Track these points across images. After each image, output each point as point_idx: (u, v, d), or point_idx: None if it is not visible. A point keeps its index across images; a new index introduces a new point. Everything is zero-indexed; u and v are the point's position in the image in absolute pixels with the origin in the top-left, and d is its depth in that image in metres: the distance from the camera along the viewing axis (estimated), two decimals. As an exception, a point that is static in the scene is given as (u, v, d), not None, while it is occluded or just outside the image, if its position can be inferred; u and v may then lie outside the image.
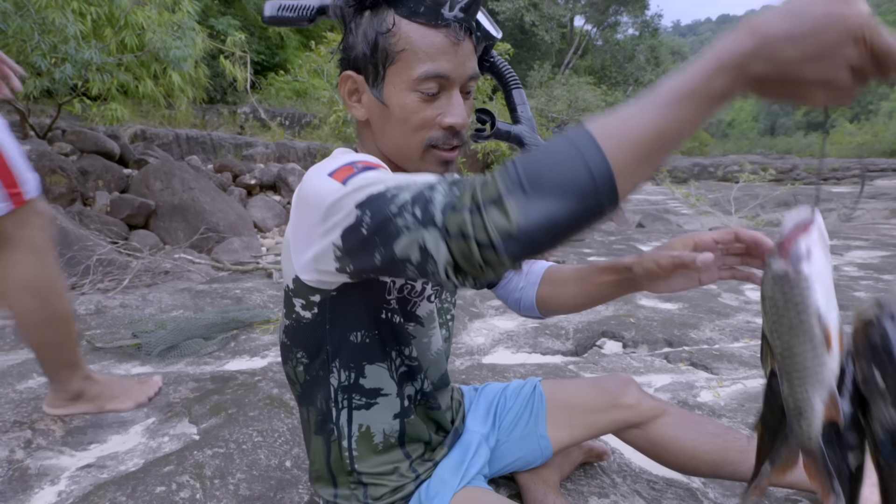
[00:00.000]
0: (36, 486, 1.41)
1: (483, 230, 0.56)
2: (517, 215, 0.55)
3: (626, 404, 1.19)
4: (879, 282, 3.78)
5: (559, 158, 0.56)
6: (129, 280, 3.59)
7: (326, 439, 0.96)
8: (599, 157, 0.54)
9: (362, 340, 0.90)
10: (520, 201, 0.55)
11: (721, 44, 0.53)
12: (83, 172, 5.44)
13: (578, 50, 32.53)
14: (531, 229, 0.55)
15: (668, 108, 0.54)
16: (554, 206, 0.55)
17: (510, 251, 0.56)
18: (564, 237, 0.57)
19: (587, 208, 0.55)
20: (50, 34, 4.65)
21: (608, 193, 0.54)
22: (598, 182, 0.54)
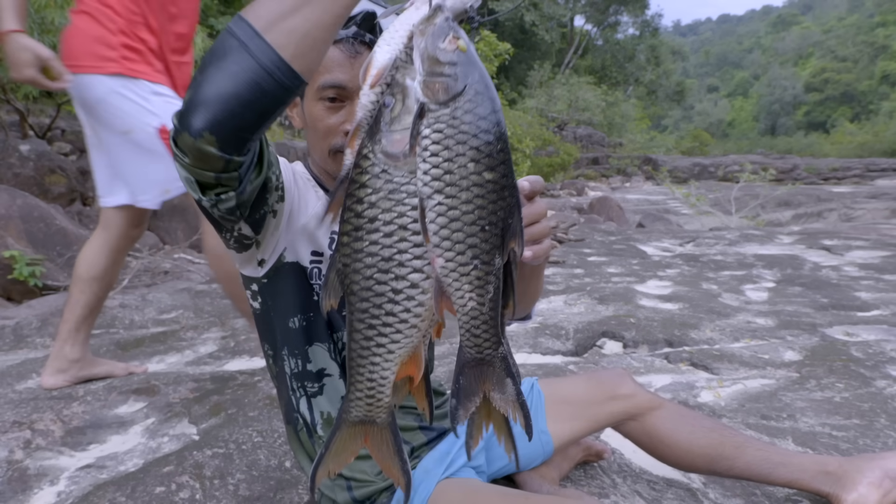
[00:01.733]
0: (35, 487, 1.41)
1: (172, 122, 0.63)
2: (188, 96, 0.61)
3: (623, 395, 1.21)
4: (880, 282, 3.77)
5: (217, 39, 0.62)
6: (128, 280, 3.59)
7: (295, 429, 1.00)
8: (238, 21, 0.61)
9: (300, 325, 0.95)
10: (192, 87, 0.61)
11: None
12: (83, 172, 5.44)
13: (578, 50, 32.52)
14: (196, 97, 0.60)
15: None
16: (212, 73, 0.60)
17: (185, 123, 0.60)
18: (238, 97, 0.60)
19: (241, 62, 0.59)
20: (49, 34, 4.65)
21: (255, 43, 0.59)
22: (240, 37, 0.60)
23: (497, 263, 0.55)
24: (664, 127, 58.50)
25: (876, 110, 49.16)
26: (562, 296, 3.42)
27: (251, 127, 0.63)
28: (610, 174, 21.61)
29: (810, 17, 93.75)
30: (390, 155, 0.55)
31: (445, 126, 0.52)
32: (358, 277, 0.57)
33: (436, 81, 0.52)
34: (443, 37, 0.53)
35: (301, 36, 0.60)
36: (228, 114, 0.60)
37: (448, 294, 0.55)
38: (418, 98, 0.53)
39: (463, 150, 0.52)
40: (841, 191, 15.33)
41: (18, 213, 3.63)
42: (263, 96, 0.60)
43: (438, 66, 0.53)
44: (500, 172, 0.53)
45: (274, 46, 0.59)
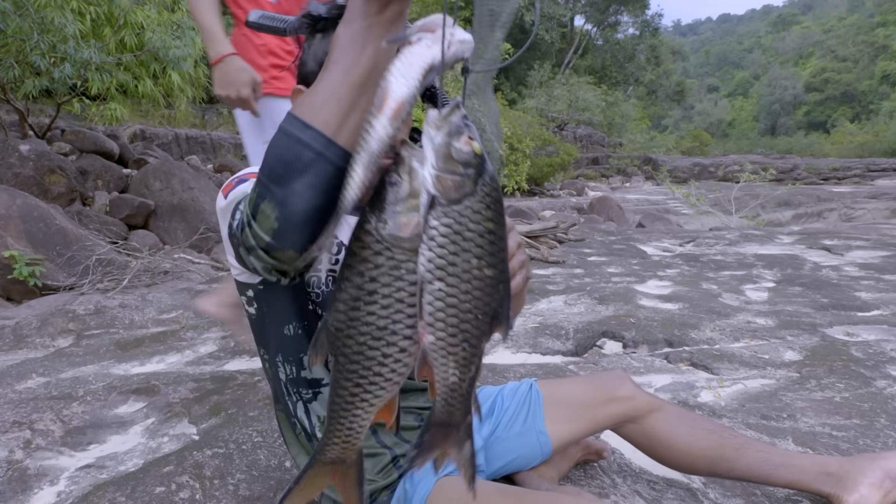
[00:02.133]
0: (35, 487, 1.41)
1: (259, 238, 0.64)
2: (273, 212, 0.62)
3: (622, 397, 1.20)
4: (880, 282, 3.77)
5: (280, 148, 0.63)
6: (128, 280, 3.59)
7: (294, 433, 1.00)
8: (305, 128, 0.62)
9: (295, 332, 0.94)
10: (270, 200, 0.62)
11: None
12: (82, 172, 5.44)
13: (578, 49, 32.52)
14: (291, 216, 0.62)
15: (343, 55, 0.61)
16: (297, 189, 0.61)
17: (288, 243, 0.63)
18: (330, 204, 0.62)
19: (324, 173, 0.61)
20: (49, 33, 4.65)
21: (331, 150, 0.61)
22: (316, 147, 0.61)
23: (482, 346, 0.60)
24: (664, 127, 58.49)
25: (876, 110, 49.14)
26: (562, 296, 3.42)
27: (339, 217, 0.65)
28: (610, 174, 21.60)
29: (810, 17, 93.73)
30: (397, 238, 0.57)
31: (454, 222, 0.55)
32: (350, 342, 0.61)
33: (449, 178, 0.55)
34: (459, 136, 0.56)
35: (361, 127, 0.61)
36: (322, 223, 0.63)
37: (432, 366, 0.59)
38: (428, 189, 0.56)
39: (468, 247, 0.56)
40: (841, 191, 15.33)
41: (18, 212, 3.63)
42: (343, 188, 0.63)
43: (453, 164, 0.55)
44: (499, 269, 0.58)
45: (348, 148, 0.61)
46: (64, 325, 2.81)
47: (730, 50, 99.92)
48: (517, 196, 13.00)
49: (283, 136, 0.63)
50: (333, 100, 0.61)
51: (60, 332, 2.76)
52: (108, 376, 2.14)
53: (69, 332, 2.78)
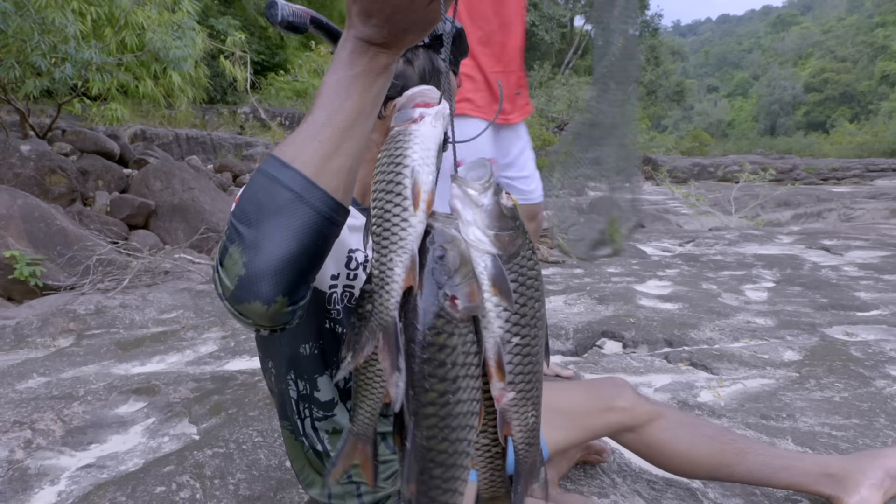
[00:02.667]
0: (36, 486, 1.41)
1: (225, 287, 0.57)
2: (241, 257, 0.56)
3: (621, 407, 1.19)
4: (879, 282, 3.77)
5: (255, 188, 0.58)
6: (129, 280, 3.59)
7: (302, 447, 0.98)
8: (285, 168, 0.57)
9: (311, 352, 0.91)
10: (239, 244, 0.56)
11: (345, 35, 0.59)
12: (83, 172, 5.44)
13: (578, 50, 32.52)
14: (261, 263, 0.55)
15: (328, 99, 0.59)
16: (270, 231, 0.56)
17: (255, 293, 0.56)
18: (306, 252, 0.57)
19: (301, 216, 0.56)
20: (50, 34, 4.65)
21: (311, 192, 0.57)
22: (294, 188, 0.56)
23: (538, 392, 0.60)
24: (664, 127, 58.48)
25: (875, 110, 49.14)
26: (561, 296, 3.42)
27: (316, 270, 0.61)
28: (610, 174, 21.59)
29: (810, 18, 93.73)
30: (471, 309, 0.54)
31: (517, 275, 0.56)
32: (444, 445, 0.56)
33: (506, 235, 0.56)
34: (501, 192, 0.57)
35: (347, 172, 0.60)
36: (299, 272, 0.57)
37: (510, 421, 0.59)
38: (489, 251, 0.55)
39: (531, 294, 0.57)
40: (840, 191, 15.32)
41: (19, 213, 3.63)
42: (326, 242, 0.59)
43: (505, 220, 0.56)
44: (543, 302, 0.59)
45: (329, 192, 0.58)
46: (65, 325, 2.81)
47: (729, 50, 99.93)
48: (517, 196, 12.99)
49: (259, 176, 0.58)
50: (315, 141, 0.58)
51: (61, 331, 2.77)
52: (108, 376, 2.15)
53: (70, 332, 2.78)
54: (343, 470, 0.73)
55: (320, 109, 0.59)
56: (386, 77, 0.60)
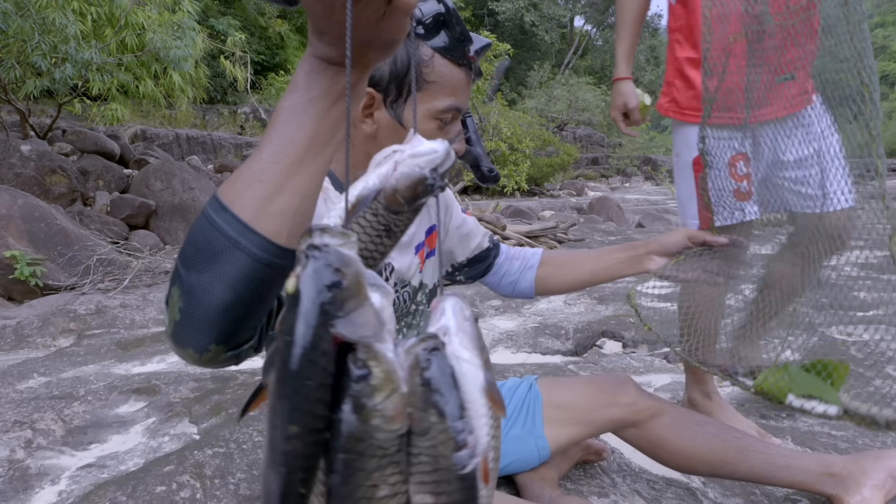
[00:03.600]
0: (36, 486, 1.41)
1: (166, 325, 0.54)
2: (178, 301, 0.52)
3: (623, 402, 1.19)
4: (879, 282, 3.77)
5: (196, 230, 0.53)
6: (129, 280, 3.59)
7: None
8: (222, 210, 0.52)
9: None
10: (178, 286, 0.52)
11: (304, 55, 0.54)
12: (83, 172, 5.45)
13: (578, 50, 32.53)
14: (193, 311, 0.52)
15: (276, 130, 0.53)
16: (205, 280, 0.51)
17: (187, 340, 0.53)
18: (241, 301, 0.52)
19: (236, 264, 0.51)
20: (50, 34, 4.66)
21: (247, 237, 0.51)
22: (229, 234, 0.51)
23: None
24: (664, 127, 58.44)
25: (876, 111, 49.16)
26: (561, 295, 3.42)
27: (256, 316, 0.55)
28: (609, 174, 21.61)
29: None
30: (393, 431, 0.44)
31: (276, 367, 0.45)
32: None
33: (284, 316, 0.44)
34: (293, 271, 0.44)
35: (293, 214, 0.53)
36: (235, 321, 0.53)
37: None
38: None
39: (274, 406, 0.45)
40: (841, 191, 15.29)
41: (19, 213, 3.64)
42: (267, 287, 0.53)
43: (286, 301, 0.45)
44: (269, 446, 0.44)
45: (269, 237, 0.51)
46: (65, 325, 2.81)
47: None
48: (517, 196, 13.01)
49: (201, 217, 0.53)
50: (257, 182, 0.52)
51: (61, 331, 2.77)
52: (108, 376, 2.15)
53: (70, 332, 2.78)
54: None
55: (267, 142, 0.53)
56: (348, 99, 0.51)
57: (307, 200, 0.54)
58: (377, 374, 0.41)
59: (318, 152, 0.53)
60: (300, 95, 0.52)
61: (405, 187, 0.54)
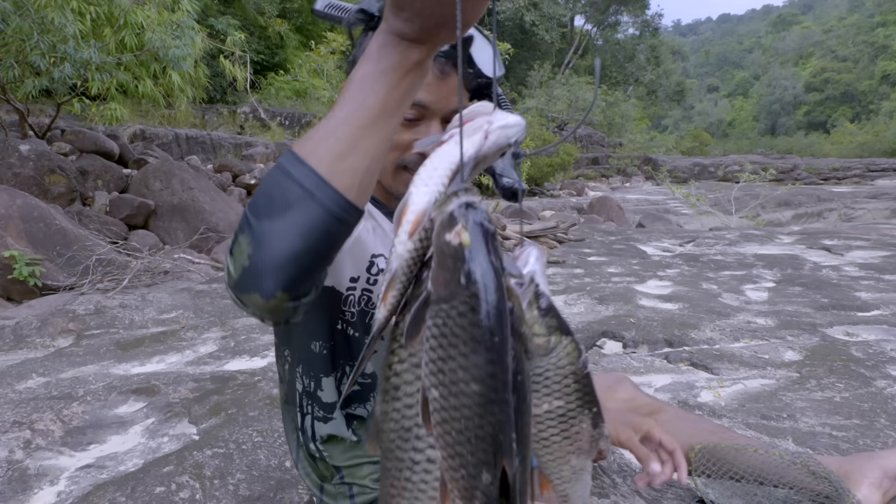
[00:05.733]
0: (35, 487, 1.41)
1: (230, 274, 0.58)
2: (248, 248, 0.56)
3: (622, 398, 1.20)
4: (880, 282, 3.77)
5: (270, 182, 0.57)
6: (128, 280, 3.59)
7: (299, 440, 0.99)
8: (299, 163, 0.56)
9: (320, 351, 0.92)
10: (248, 234, 0.56)
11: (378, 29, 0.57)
12: (82, 172, 5.44)
13: (578, 49, 32.52)
14: (264, 257, 0.55)
15: (351, 95, 0.57)
16: (277, 227, 0.55)
17: (255, 286, 0.56)
18: (310, 251, 0.56)
19: (310, 214, 0.55)
20: (49, 33, 4.65)
21: (322, 190, 0.55)
22: (305, 185, 0.55)
23: (485, 479, 0.50)
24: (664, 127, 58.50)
25: (876, 110, 49.11)
26: (562, 296, 3.42)
27: (321, 269, 0.60)
28: (610, 174, 21.60)
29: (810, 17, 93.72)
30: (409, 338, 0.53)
31: (442, 323, 0.49)
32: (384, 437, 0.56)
33: (439, 274, 0.50)
34: (450, 227, 0.49)
35: (363, 173, 0.58)
36: (302, 270, 0.57)
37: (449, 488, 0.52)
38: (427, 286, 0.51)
39: (453, 354, 0.49)
40: (841, 191, 15.33)
41: (18, 212, 3.63)
42: (334, 242, 0.58)
43: (442, 258, 0.50)
44: (489, 386, 0.49)
45: (341, 192, 0.56)
46: (64, 325, 2.81)
47: (730, 50, 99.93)
48: (517, 196, 12.99)
49: (275, 170, 0.58)
50: (333, 138, 0.57)
51: (60, 332, 2.76)
52: (108, 376, 2.15)
53: (69, 332, 2.78)
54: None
55: (342, 105, 0.57)
56: (417, 75, 0.57)
57: (375, 163, 0.59)
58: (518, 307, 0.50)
59: (388, 119, 0.57)
60: (373, 66, 0.56)
61: (493, 155, 0.58)
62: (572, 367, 0.52)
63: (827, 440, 1.56)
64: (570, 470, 0.55)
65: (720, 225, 9.08)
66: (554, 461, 0.55)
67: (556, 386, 0.52)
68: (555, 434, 0.53)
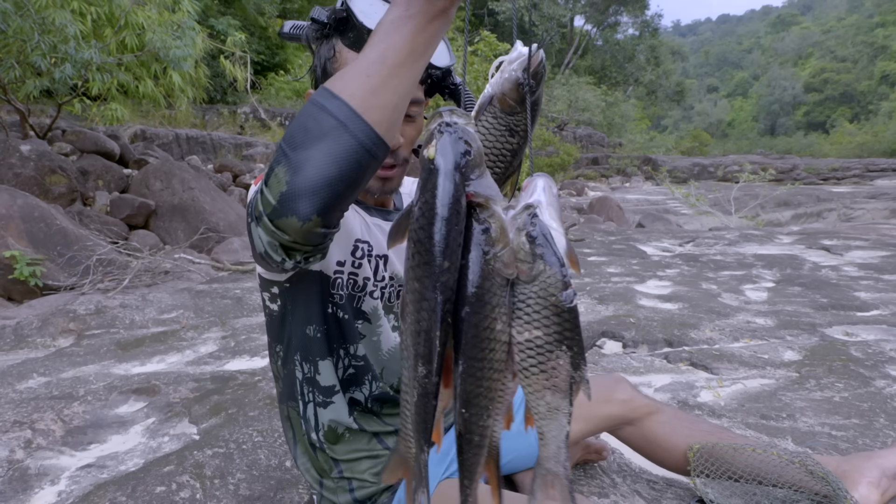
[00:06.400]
0: (36, 486, 1.41)
1: (267, 203, 0.63)
2: (285, 175, 0.61)
3: (620, 399, 1.21)
4: (879, 282, 3.78)
5: (305, 115, 0.62)
6: (129, 280, 3.59)
7: (299, 432, 1.00)
8: (332, 97, 0.61)
9: (314, 335, 0.95)
10: (284, 164, 0.61)
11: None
12: (83, 172, 5.44)
13: (578, 50, 32.53)
14: (301, 181, 0.61)
15: (380, 38, 0.61)
16: (313, 154, 0.60)
17: (293, 209, 0.61)
18: (342, 178, 0.61)
19: (343, 143, 0.60)
20: (50, 34, 4.65)
21: (354, 122, 0.60)
22: (339, 116, 0.60)
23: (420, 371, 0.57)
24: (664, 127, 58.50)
25: (875, 110, 49.11)
26: (562, 296, 3.42)
27: (350, 201, 0.65)
28: (610, 174, 21.60)
29: (810, 18, 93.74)
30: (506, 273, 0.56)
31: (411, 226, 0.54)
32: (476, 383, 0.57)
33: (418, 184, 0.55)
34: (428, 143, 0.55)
35: (392, 109, 0.62)
36: (335, 196, 0.62)
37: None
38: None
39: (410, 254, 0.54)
40: (840, 191, 15.33)
41: (19, 213, 3.63)
42: (363, 173, 0.63)
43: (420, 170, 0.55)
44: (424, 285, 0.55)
45: (372, 125, 0.61)
46: (64, 325, 2.81)
47: (729, 50, 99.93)
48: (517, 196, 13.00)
49: (309, 105, 0.62)
50: (364, 75, 0.61)
51: (61, 331, 2.77)
52: (108, 376, 2.15)
53: (70, 332, 2.78)
54: None
55: (372, 46, 0.61)
56: (441, 22, 0.61)
57: (402, 101, 0.63)
58: (495, 229, 0.53)
59: (416, 61, 0.61)
60: (401, 11, 0.60)
61: (509, 89, 0.63)
62: (553, 299, 0.53)
63: (826, 440, 1.56)
64: (546, 406, 0.57)
65: (720, 225, 9.09)
66: (532, 394, 0.57)
67: (536, 315, 0.54)
68: (532, 365, 0.55)
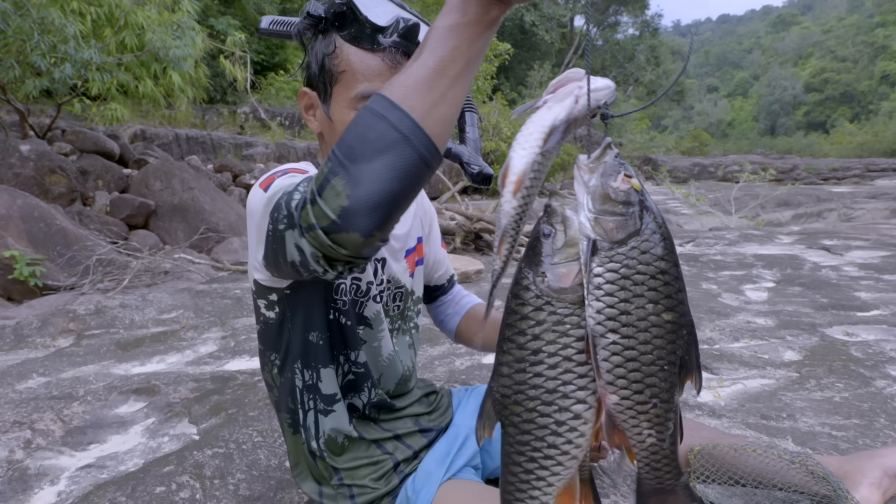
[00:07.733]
0: (36, 486, 1.41)
1: (323, 216, 0.60)
2: (345, 189, 0.58)
3: None
4: (880, 282, 3.77)
5: (363, 126, 0.59)
6: (128, 280, 3.59)
7: (299, 440, 0.99)
8: (394, 108, 0.58)
9: (317, 341, 0.93)
10: (343, 177, 0.58)
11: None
12: (83, 172, 5.44)
13: (578, 50, 32.52)
14: (364, 196, 0.58)
15: (439, 44, 0.58)
16: (375, 168, 0.58)
17: (355, 224, 0.59)
18: (404, 193, 0.59)
19: (405, 157, 0.58)
20: (49, 34, 4.65)
21: (417, 136, 0.58)
22: (402, 129, 0.58)
23: (675, 400, 0.55)
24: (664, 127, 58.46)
25: (875, 110, 49.10)
26: (562, 296, 3.42)
27: (403, 213, 0.62)
28: (610, 174, 21.56)
29: (810, 18, 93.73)
30: (557, 290, 0.54)
31: (621, 266, 0.52)
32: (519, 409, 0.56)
33: (609, 220, 0.52)
34: (615, 175, 0.53)
35: (448, 122, 0.60)
36: (396, 211, 0.60)
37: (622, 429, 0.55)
38: (588, 234, 0.53)
39: (640, 291, 0.51)
40: (840, 191, 15.32)
41: (19, 213, 3.63)
42: (419, 186, 0.61)
43: (612, 204, 0.52)
44: (679, 312, 0.53)
45: (432, 137, 0.59)
46: (64, 325, 2.81)
47: (729, 50, 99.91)
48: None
49: (367, 114, 0.59)
50: (425, 86, 0.58)
51: (61, 331, 2.77)
52: (108, 376, 2.15)
53: (69, 332, 2.78)
54: None
55: (430, 53, 0.59)
56: (492, 32, 0.59)
57: (457, 112, 0.61)
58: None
59: (472, 70, 0.60)
60: (457, 17, 0.58)
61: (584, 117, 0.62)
62: None
63: (826, 440, 1.56)
64: None
65: (720, 225, 9.08)
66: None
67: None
68: None
